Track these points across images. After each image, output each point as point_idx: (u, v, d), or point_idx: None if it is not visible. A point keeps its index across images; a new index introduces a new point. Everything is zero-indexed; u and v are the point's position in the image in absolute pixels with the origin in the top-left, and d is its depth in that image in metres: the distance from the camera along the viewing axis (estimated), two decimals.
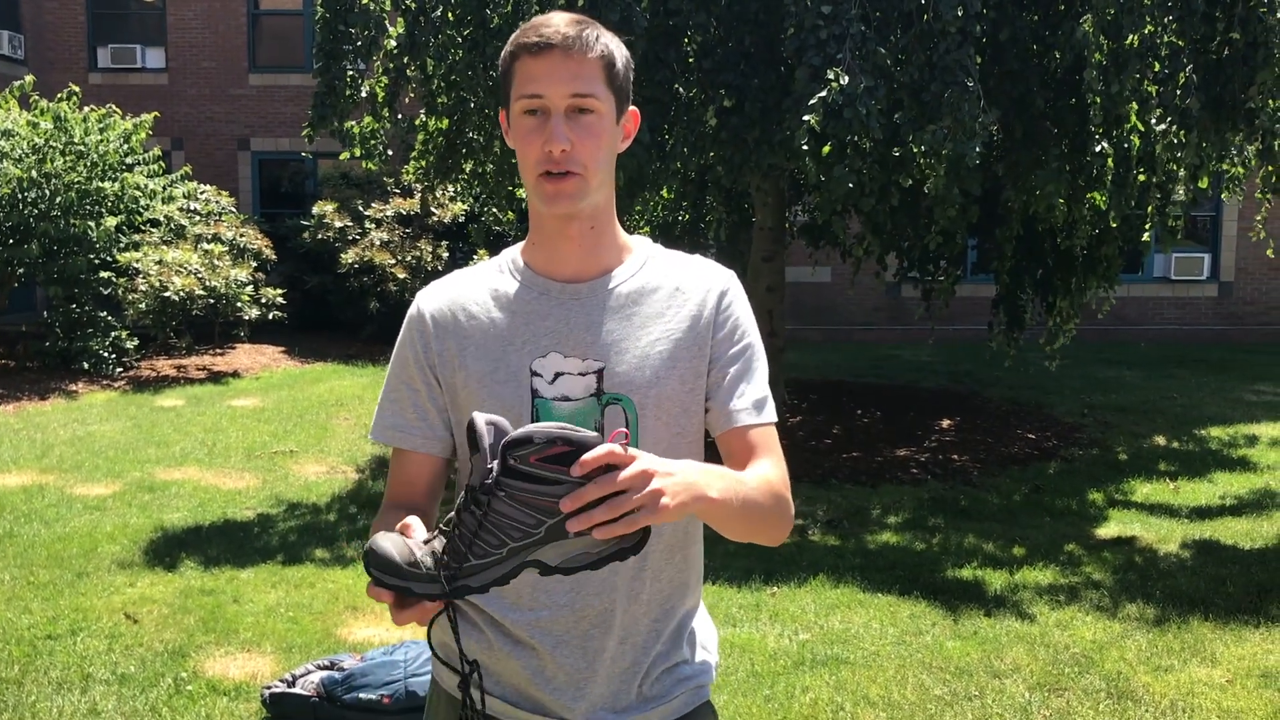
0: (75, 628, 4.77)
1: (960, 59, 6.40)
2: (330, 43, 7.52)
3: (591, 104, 1.56)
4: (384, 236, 14.04)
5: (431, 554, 1.38)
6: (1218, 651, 4.56)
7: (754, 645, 4.59)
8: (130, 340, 12.20)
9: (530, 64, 1.56)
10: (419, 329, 1.70)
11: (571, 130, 1.55)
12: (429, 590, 1.37)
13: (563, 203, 1.58)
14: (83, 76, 16.17)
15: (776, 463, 1.64)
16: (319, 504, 6.94)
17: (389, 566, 1.37)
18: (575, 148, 1.55)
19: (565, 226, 1.63)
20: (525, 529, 1.34)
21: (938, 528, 6.43)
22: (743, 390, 1.65)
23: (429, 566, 1.37)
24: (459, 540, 1.37)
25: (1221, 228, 15.15)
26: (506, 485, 1.32)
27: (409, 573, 1.37)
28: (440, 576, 1.36)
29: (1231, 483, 7.45)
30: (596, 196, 1.61)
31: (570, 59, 1.54)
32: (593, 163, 1.57)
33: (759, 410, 1.65)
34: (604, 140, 1.58)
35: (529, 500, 1.32)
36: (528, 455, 1.31)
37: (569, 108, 1.55)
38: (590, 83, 1.56)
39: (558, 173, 1.56)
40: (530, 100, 1.56)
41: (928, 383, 11.67)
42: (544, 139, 1.55)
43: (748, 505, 1.51)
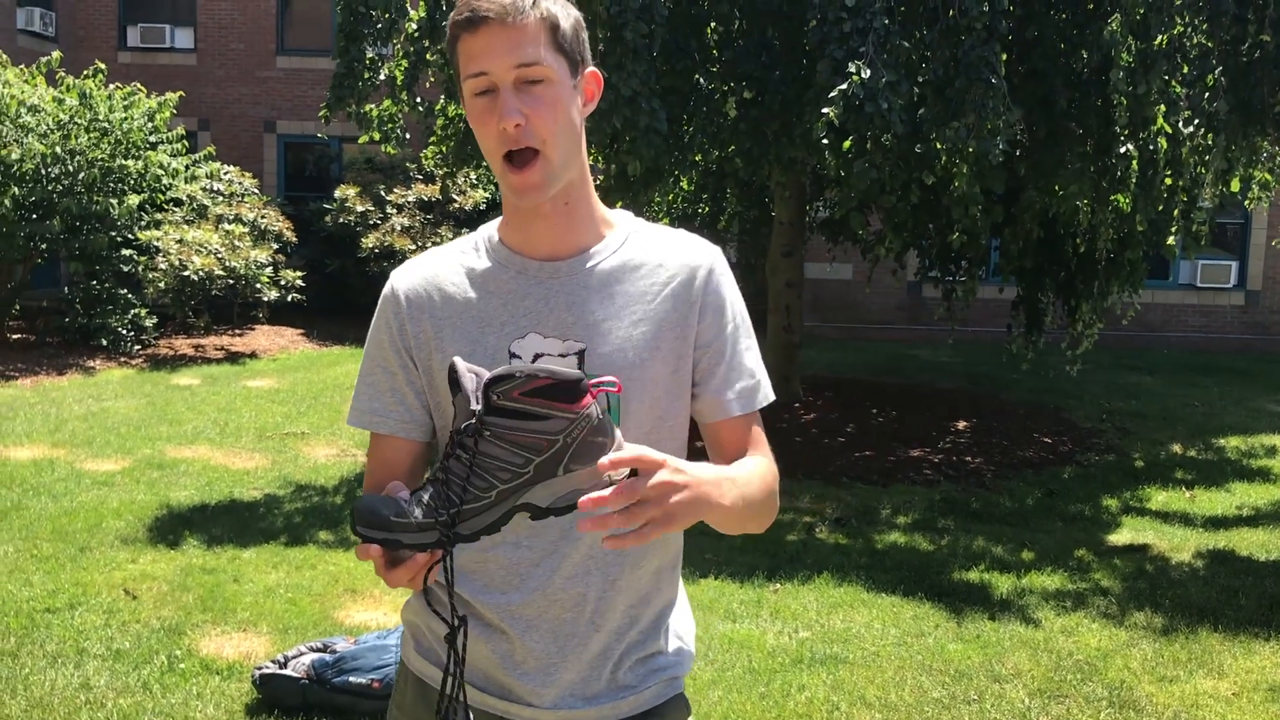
0: (74, 602, 4.77)
1: (985, 56, 6.32)
2: (350, 24, 7.50)
3: (539, 72, 1.48)
4: (405, 222, 14.05)
5: (419, 504, 1.33)
6: (1225, 664, 4.48)
7: (753, 642, 4.54)
8: (149, 318, 12.25)
9: (469, 42, 1.48)
10: (394, 310, 1.65)
11: (523, 103, 1.48)
12: (419, 540, 1.33)
13: (531, 195, 1.53)
14: (112, 55, 16.24)
15: (766, 454, 1.62)
16: (326, 486, 6.93)
17: (375, 520, 1.32)
18: (530, 120, 1.48)
19: (538, 205, 1.58)
20: (514, 469, 1.31)
21: (947, 529, 6.36)
22: (731, 378, 1.60)
23: (417, 517, 1.32)
24: (448, 487, 1.33)
25: (1250, 235, 14.95)
26: (492, 424, 1.30)
27: (397, 524, 1.32)
28: (432, 525, 1.32)
29: (1249, 493, 7.34)
30: (565, 174, 1.55)
31: (508, 29, 1.46)
32: (551, 134, 1.50)
33: (747, 399, 1.61)
34: (560, 108, 1.51)
35: (516, 438, 1.30)
36: (510, 390, 1.29)
37: (516, 80, 1.48)
38: (534, 49, 1.48)
39: (518, 151, 1.50)
40: (476, 80, 1.49)
41: (945, 383, 11.57)
42: (496, 117, 1.48)
43: (749, 506, 1.51)
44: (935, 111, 6.52)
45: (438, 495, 1.33)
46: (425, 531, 1.32)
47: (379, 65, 7.87)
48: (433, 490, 1.34)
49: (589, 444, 1.31)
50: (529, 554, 1.58)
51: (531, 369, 1.29)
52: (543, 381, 1.28)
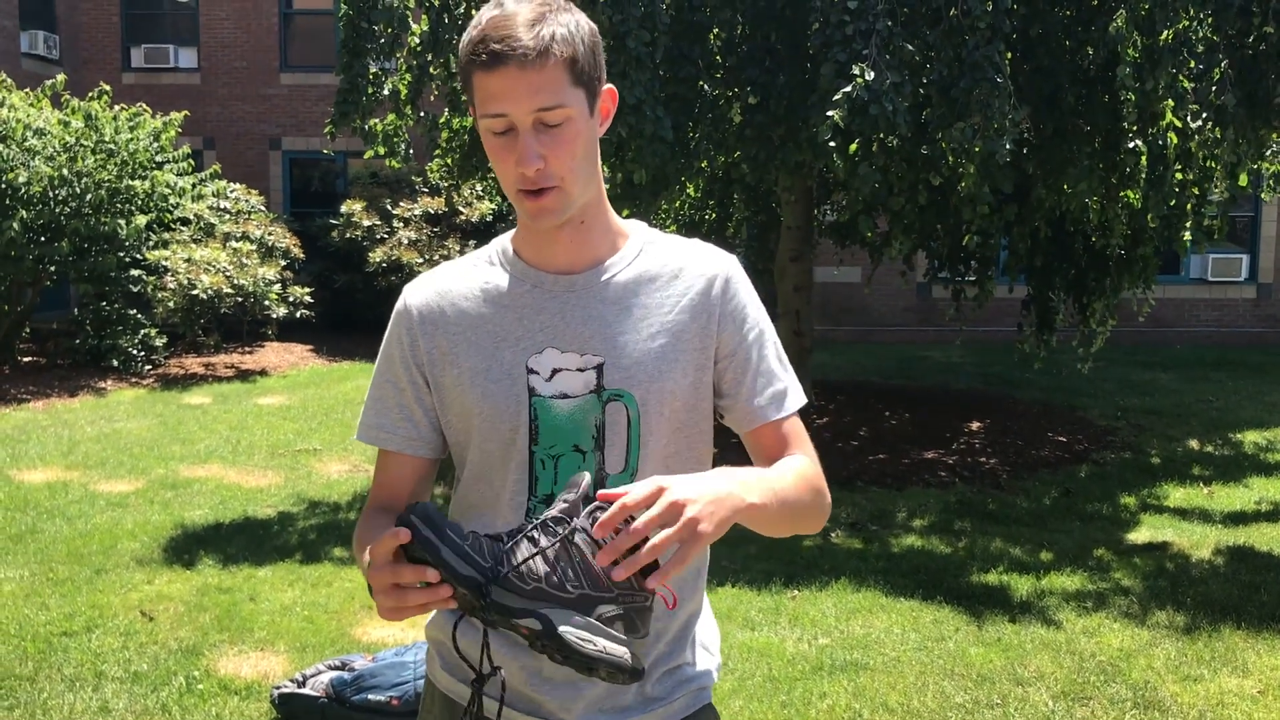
0: (91, 625, 4.76)
1: (990, 55, 6.30)
2: (353, 40, 7.50)
3: (559, 115, 1.44)
4: (412, 235, 14.06)
5: (474, 537, 1.31)
6: (1249, 661, 4.43)
7: (772, 649, 4.51)
8: (159, 338, 12.27)
9: (486, 80, 1.43)
10: (406, 325, 1.63)
11: (542, 144, 1.45)
12: (452, 564, 1.27)
13: (546, 218, 1.51)
14: (116, 76, 16.30)
15: (808, 453, 1.60)
16: (340, 502, 6.92)
17: (432, 520, 1.29)
18: (549, 162, 1.46)
19: (554, 230, 1.56)
20: (566, 580, 1.30)
21: (964, 531, 6.32)
22: (761, 384, 1.58)
23: (468, 546, 1.29)
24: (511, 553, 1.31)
25: (1260, 228, 14.89)
26: (580, 536, 1.30)
27: (448, 536, 1.29)
28: (480, 566, 1.29)
29: (1267, 488, 7.29)
30: (582, 196, 1.54)
31: (528, 72, 1.41)
32: (570, 172, 1.48)
33: (781, 402, 1.59)
34: (579, 143, 1.48)
35: (585, 560, 1.30)
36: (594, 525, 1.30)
37: (535, 121, 1.44)
38: (555, 93, 1.43)
39: (535, 190, 1.48)
40: (494, 120, 1.45)
41: (958, 384, 11.54)
42: (515, 158, 1.46)
43: (786, 504, 1.47)
44: (940, 112, 6.49)
45: (495, 549, 1.31)
46: (467, 563, 1.29)
47: (383, 80, 7.87)
48: (489, 542, 1.32)
49: (627, 616, 1.31)
50: None
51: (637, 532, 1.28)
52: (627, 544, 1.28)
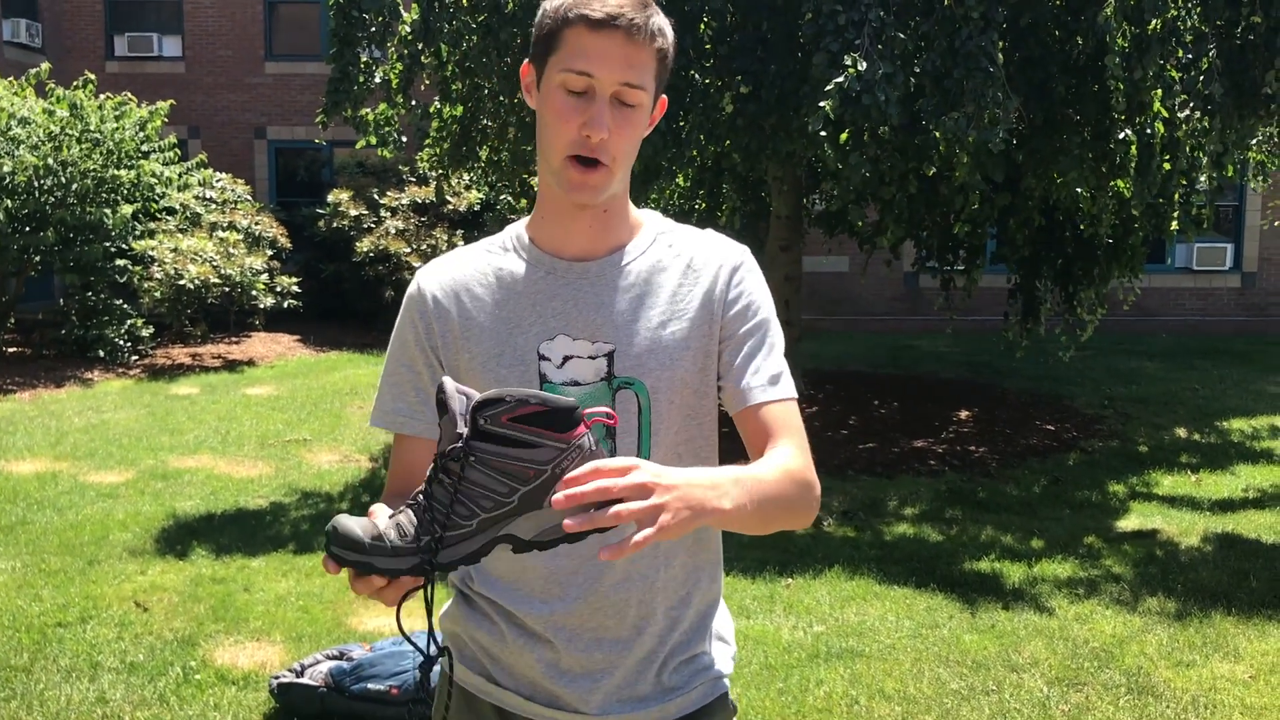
0: (85, 615, 4.75)
1: (983, 45, 6.31)
2: (344, 28, 7.46)
3: (638, 96, 1.48)
4: (399, 225, 14.01)
5: (396, 527, 1.29)
6: (1240, 647, 4.48)
7: (768, 637, 4.53)
8: (146, 328, 12.21)
9: (587, 37, 1.45)
10: (419, 309, 1.63)
11: (613, 119, 1.47)
12: (392, 566, 1.27)
13: (586, 194, 1.51)
14: (100, 65, 16.18)
15: (797, 442, 1.52)
16: (331, 493, 6.91)
17: (350, 542, 1.28)
18: (612, 136, 1.47)
19: (577, 213, 1.57)
20: (498, 498, 1.26)
21: (955, 519, 6.36)
22: (757, 366, 1.56)
23: (392, 540, 1.28)
24: (430, 513, 1.28)
25: (1245, 218, 14.97)
26: (478, 449, 1.24)
27: (372, 547, 1.27)
28: (410, 550, 1.27)
29: (1254, 475, 7.34)
30: (617, 188, 1.56)
31: (631, 43, 1.45)
32: (623, 156, 1.51)
33: (774, 385, 1.55)
34: (637, 133, 1.52)
35: (502, 465, 1.24)
36: (499, 415, 1.23)
37: (615, 95, 1.47)
38: (643, 73, 1.48)
39: (587, 159, 1.48)
40: (578, 77, 1.46)
41: (946, 373, 11.58)
42: (583, 121, 1.46)
43: (766, 504, 1.40)
44: (934, 102, 6.50)
45: (418, 520, 1.28)
46: (400, 557, 1.27)
47: (374, 69, 7.84)
48: (411, 514, 1.29)
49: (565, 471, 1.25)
50: (567, 562, 1.56)
51: (523, 394, 1.23)
52: (533, 408, 1.23)
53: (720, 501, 1.30)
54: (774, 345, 1.59)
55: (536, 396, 1.23)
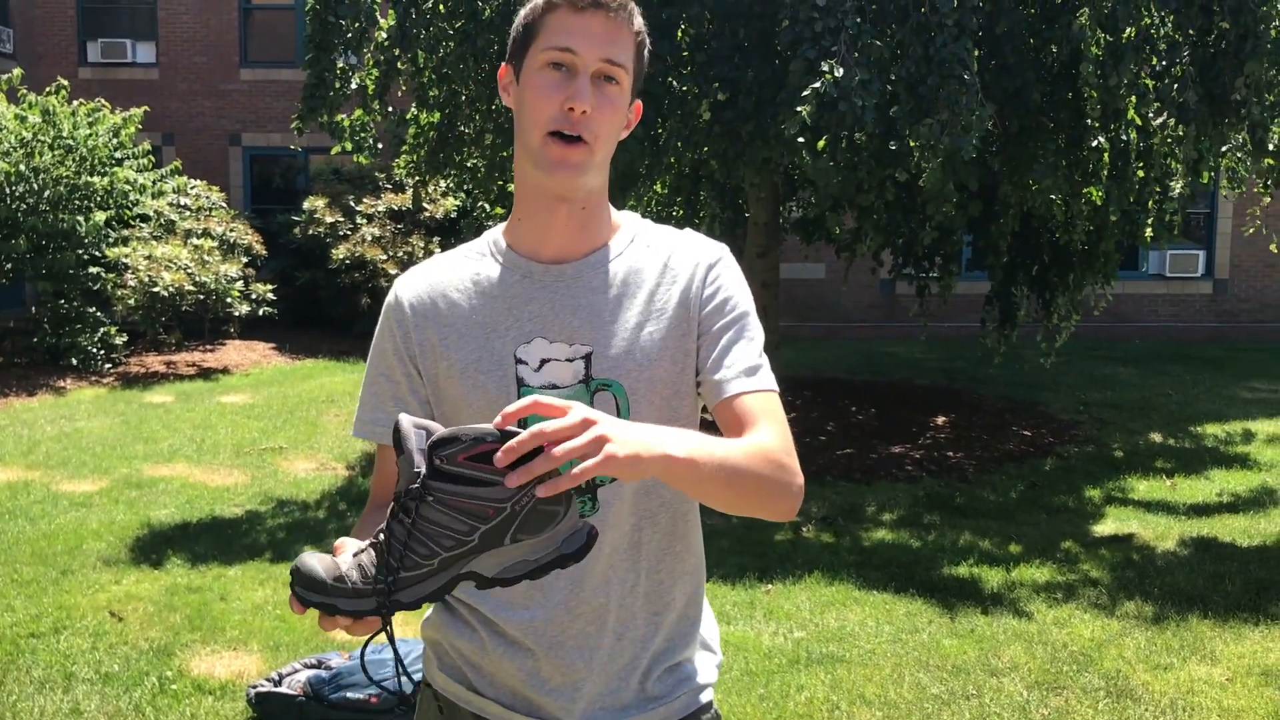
0: (59, 626, 4.70)
1: (957, 52, 6.34)
2: (320, 34, 7.44)
3: (619, 74, 1.51)
4: (375, 232, 13.95)
5: (358, 568, 1.28)
6: (1217, 650, 4.50)
7: (748, 643, 4.52)
8: (119, 336, 12.10)
9: (568, 18, 1.49)
10: (397, 318, 1.62)
11: (595, 97, 1.49)
12: (355, 607, 1.27)
13: (566, 172, 1.50)
14: (73, 70, 16.05)
15: (775, 428, 1.48)
16: (308, 501, 6.87)
17: (313, 583, 1.27)
18: (594, 114, 1.49)
19: (556, 206, 1.55)
20: (457, 536, 1.24)
21: (933, 525, 6.37)
22: (733, 360, 1.53)
23: (354, 581, 1.27)
24: (388, 552, 1.27)
25: (1216, 225, 15.11)
26: (435, 489, 1.23)
27: (334, 588, 1.26)
28: (371, 591, 1.26)
29: (1228, 480, 7.40)
30: (595, 178, 1.54)
31: (611, 22, 1.49)
32: (604, 135, 1.51)
33: (751, 376, 1.52)
34: (618, 115, 1.53)
35: (460, 504, 1.23)
36: (455, 454, 1.22)
37: (597, 72, 1.49)
38: (624, 52, 1.51)
39: (570, 135, 1.49)
40: (560, 54, 1.49)
41: (922, 379, 11.62)
42: (566, 95, 1.48)
43: (731, 470, 1.36)
44: (908, 109, 6.53)
45: (380, 560, 1.27)
46: (362, 598, 1.27)
47: (350, 75, 7.81)
48: (373, 554, 1.28)
49: (540, 513, 1.24)
50: None
51: (479, 431, 1.22)
52: (489, 446, 1.21)
53: (669, 447, 1.28)
54: (752, 338, 1.56)
55: (491, 434, 1.21)
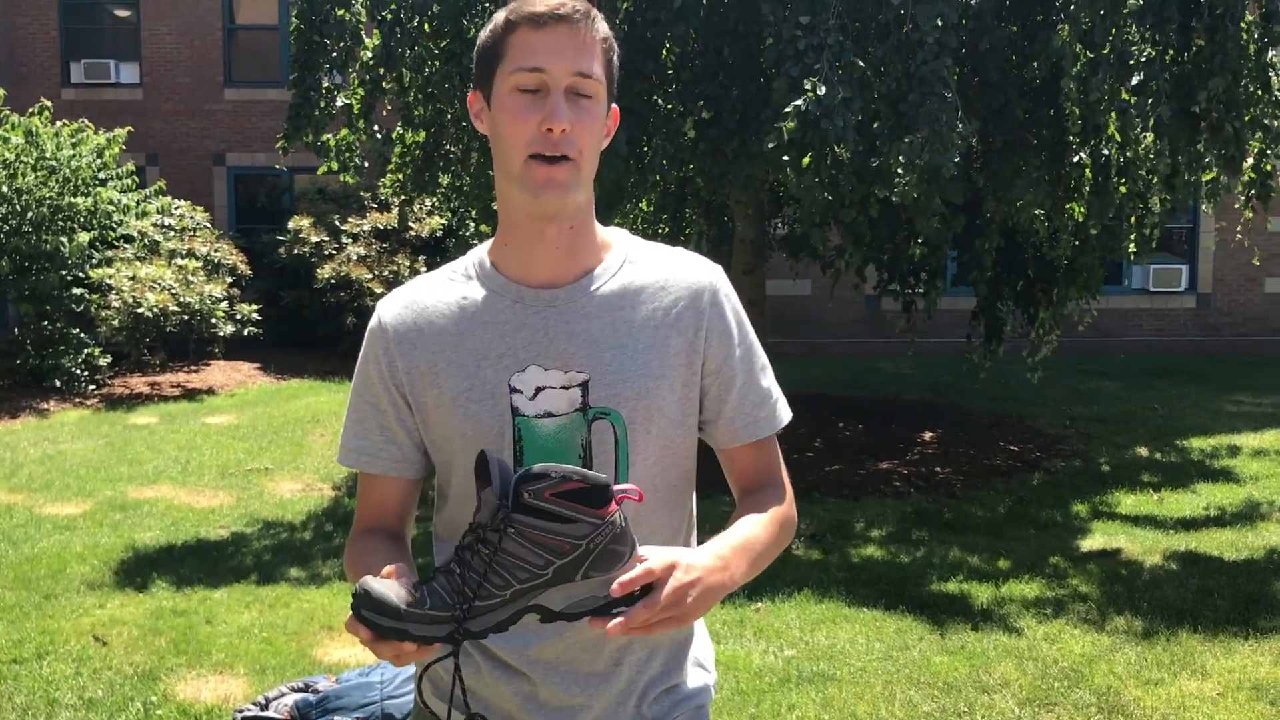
0: (42, 651, 4.65)
1: (937, 69, 6.37)
2: (305, 54, 7.43)
3: (592, 86, 1.47)
4: (361, 251, 13.92)
5: (434, 594, 1.30)
6: (1207, 664, 4.50)
7: (739, 663, 4.50)
8: (103, 357, 12.04)
9: (532, 36, 1.44)
10: (382, 345, 1.58)
11: (571, 112, 1.45)
12: (428, 633, 1.29)
13: (553, 192, 1.46)
14: (55, 92, 16.00)
15: (780, 479, 1.62)
16: (294, 522, 6.82)
17: (385, 608, 1.28)
18: (573, 129, 1.45)
19: (544, 228, 1.52)
20: (533, 569, 1.29)
21: (922, 541, 6.37)
22: (743, 404, 1.57)
23: (429, 608, 1.29)
24: (464, 581, 1.30)
25: (1199, 239, 15.20)
26: (519, 522, 1.27)
27: (407, 614, 1.28)
28: (446, 619, 1.29)
29: (1215, 493, 7.42)
30: (581, 194, 1.51)
31: (577, 33, 1.45)
32: (587, 149, 1.48)
33: (759, 425, 1.59)
34: (597, 127, 1.49)
35: (541, 539, 1.28)
36: (543, 490, 1.26)
37: (570, 87, 1.45)
38: (594, 63, 1.47)
39: (552, 156, 1.45)
40: (529, 75, 1.44)
41: (909, 395, 11.63)
42: (542, 116, 1.44)
43: (761, 560, 1.52)
44: (890, 126, 6.56)
45: (451, 587, 1.30)
46: (435, 624, 1.29)
47: (335, 94, 7.80)
48: (444, 581, 1.31)
49: (609, 552, 1.30)
50: None
51: (565, 470, 1.27)
52: (575, 484, 1.27)
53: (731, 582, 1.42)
54: (761, 369, 1.62)
55: (578, 473, 1.28)
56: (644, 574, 1.29)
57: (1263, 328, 15.30)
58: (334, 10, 7.43)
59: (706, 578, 1.35)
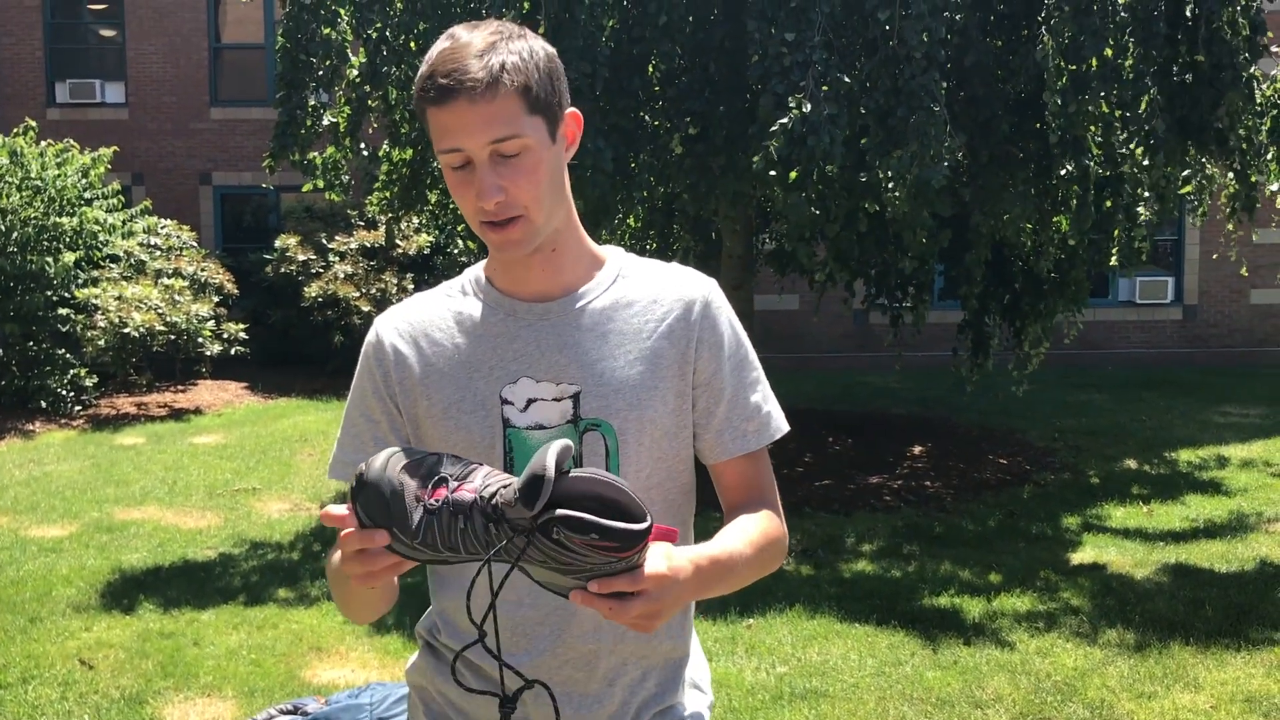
0: (27, 675, 4.60)
1: (925, 84, 6.39)
2: (291, 72, 7.42)
3: (515, 145, 1.42)
4: (348, 269, 13.89)
5: (426, 528, 1.25)
6: (1200, 677, 4.49)
7: (731, 680, 4.48)
8: (89, 378, 11.97)
9: (440, 115, 1.41)
10: (377, 357, 1.59)
11: (501, 176, 1.42)
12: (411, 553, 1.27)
13: (512, 249, 1.49)
14: (41, 112, 15.96)
15: (771, 497, 1.59)
16: (282, 542, 6.78)
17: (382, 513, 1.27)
18: (510, 192, 1.43)
19: (527, 258, 1.54)
20: (532, 563, 1.26)
21: (913, 555, 6.36)
22: (733, 417, 1.57)
23: (420, 542, 1.26)
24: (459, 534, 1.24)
25: (1184, 251, 15.27)
26: (540, 543, 1.21)
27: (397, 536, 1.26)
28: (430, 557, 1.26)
29: (1204, 505, 7.42)
30: (548, 228, 1.51)
31: (479, 105, 1.39)
32: (534, 200, 1.45)
33: (752, 437, 1.58)
34: (540, 172, 1.45)
35: (555, 558, 1.23)
36: (574, 538, 1.20)
37: (492, 154, 1.42)
38: (509, 123, 1.41)
39: (500, 221, 1.45)
40: (450, 155, 1.43)
41: (898, 409, 11.64)
42: (475, 192, 1.43)
43: (744, 577, 1.50)
44: (878, 140, 6.58)
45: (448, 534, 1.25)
46: (419, 552, 1.27)
47: (321, 112, 7.79)
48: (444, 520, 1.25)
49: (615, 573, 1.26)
50: (533, 613, 1.52)
51: (610, 529, 1.18)
52: (608, 543, 1.19)
53: (703, 590, 1.41)
54: (752, 382, 1.61)
55: (617, 530, 1.19)
56: (628, 581, 1.23)
57: (1249, 339, 15.37)
58: (319, 29, 7.43)
59: (684, 584, 1.31)
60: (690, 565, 1.33)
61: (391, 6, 7.54)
